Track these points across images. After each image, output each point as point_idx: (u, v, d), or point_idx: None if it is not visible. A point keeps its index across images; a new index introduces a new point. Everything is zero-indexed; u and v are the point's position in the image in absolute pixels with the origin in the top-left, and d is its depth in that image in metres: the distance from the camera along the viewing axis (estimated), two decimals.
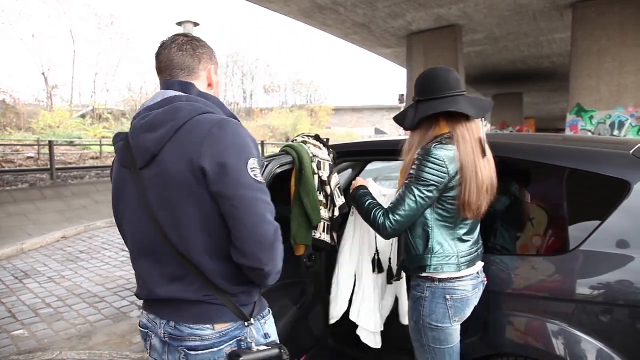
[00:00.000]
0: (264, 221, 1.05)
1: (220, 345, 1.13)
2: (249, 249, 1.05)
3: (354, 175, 3.72)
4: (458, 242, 1.55)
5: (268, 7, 11.37)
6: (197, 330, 1.12)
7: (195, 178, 1.05)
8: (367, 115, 44.84)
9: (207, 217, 1.07)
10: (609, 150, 1.77)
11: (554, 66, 17.01)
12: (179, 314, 1.14)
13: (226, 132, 1.07)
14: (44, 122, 16.91)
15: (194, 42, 1.26)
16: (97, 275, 4.85)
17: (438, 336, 1.56)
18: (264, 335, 1.21)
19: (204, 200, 1.06)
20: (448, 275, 1.54)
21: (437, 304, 1.55)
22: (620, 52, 9.81)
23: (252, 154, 1.09)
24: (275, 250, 1.07)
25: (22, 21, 29.83)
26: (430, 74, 1.59)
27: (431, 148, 1.48)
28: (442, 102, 1.52)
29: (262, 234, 1.05)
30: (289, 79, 46.62)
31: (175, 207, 1.08)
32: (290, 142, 2.18)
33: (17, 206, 7.60)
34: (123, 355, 2.98)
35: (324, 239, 2.10)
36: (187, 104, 1.12)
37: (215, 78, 1.29)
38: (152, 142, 1.09)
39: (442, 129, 1.54)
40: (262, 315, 1.23)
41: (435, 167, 1.45)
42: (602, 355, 1.47)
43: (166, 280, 1.13)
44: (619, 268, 1.50)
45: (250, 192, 1.05)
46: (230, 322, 1.14)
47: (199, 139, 1.05)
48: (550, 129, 35.96)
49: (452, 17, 11.89)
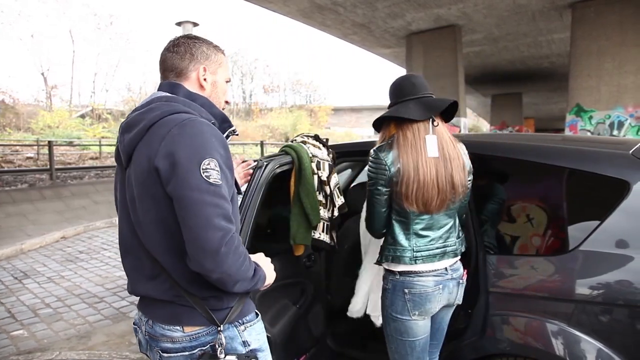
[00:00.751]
0: (209, 226, 0.99)
1: (191, 350, 1.12)
2: (191, 253, 1.01)
3: (354, 175, 3.73)
4: (414, 236, 1.59)
5: (267, 7, 11.37)
6: (167, 331, 1.12)
7: (153, 177, 1.05)
8: (367, 115, 44.83)
9: (166, 217, 1.06)
10: (608, 150, 1.77)
11: (553, 66, 17.03)
12: (154, 313, 1.16)
13: (184, 132, 1.04)
14: (43, 122, 16.88)
15: (188, 43, 1.24)
16: (97, 276, 4.85)
17: (398, 327, 1.63)
18: (241, 342, 1.16)
19: (161, 200, 1.05)
20: (404, 269, 1.60)
21: (397, 297, 1.62)
22: (620, 51, 9.83)
23: (210, 154, 1.03)
24: (222, 256, 1.00)
25: (21, 21, 29.67)
26: (393, 82, 1.72)
27: (373, 150, 1.64)
28: (396, 108, 1.64)
29: (205, 239, 0.99)
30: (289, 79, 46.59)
31: (139, 206, 1.09)
32: (290, 142, 2.18)
33: (16, 206, 7.59)
34: (122, 355, 2.97)
35: (323, 239, 2.10)
36: (164, 104, 1.12)
37: (211, 78, 1.26)
38: (128, 141, 1.12)
39: (391, 131, 1.67)
40: (242, 321, 1.18)
41: (375, 165, 1.60)
42: (601, 355, 1.47)
43: (144, 278, 1.15)
44: (618, 268, 1.50)
45: (197, 194, 1.00)
46: (201, 326, 1.12)
47: (159, 138, 1.05)
48: (549, 129, 35.98)
49: (451, 17, 11.91)
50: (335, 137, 25.33)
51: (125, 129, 1.15)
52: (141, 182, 1.07)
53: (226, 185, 1.07)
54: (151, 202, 1.07)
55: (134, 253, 1.16)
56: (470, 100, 25.88)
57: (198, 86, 1.25)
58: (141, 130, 1.09)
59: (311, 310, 2.28)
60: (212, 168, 1.03)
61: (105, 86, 29.60)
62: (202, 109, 1.18)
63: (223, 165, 1.06)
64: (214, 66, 1.28)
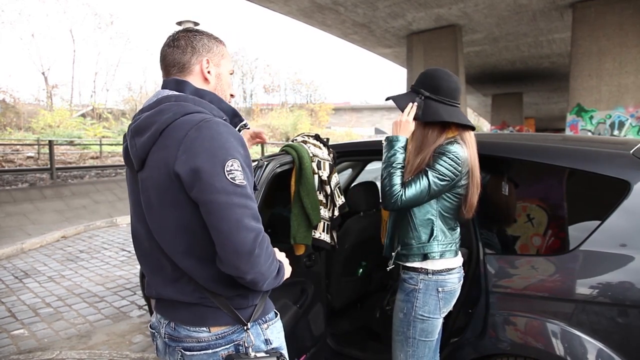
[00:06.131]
0: (241, 228, 0.98)
1: (215, 347, 1.11)
2: (225, 257, 0.99)
3: (354, 175, 3.73)
4: (452, 231, 1.67)
5: (268, 6, 11.36)
6: (193, 332, 1.11)
7: (174, 183, 1.02)
8: (367, 115, 44.87)
9: (189, 222, 1.04)
10: (608, 150, 1.77)
11: (553, 66, 17.01)
12: (178, 316, 1.13)
13: (202, 135, 1.01)
14: (43, 122, 16.90)
15: (188, 35, 1.20)
16: (97, 275, 4.85)
17: (426, 328, 1.62)
18: (264, 341, 1.16)
19: (184, 205, 1.03)
20: (442, 266, 1.62)
21: (430, 296, 1.61)
22: (620, 52, 9.82)
23: (232, 155, 1.01)
24: (256, 257, 0.99)
25: (21, 20, 29.78)
26: (444, 76, 1.63)
27: (451, 146, 1.56)
28: (456, 110, 1.62)
29: (239, 242, 0.97)
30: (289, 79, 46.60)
31: (158, 210, 1.07)
32: (290, 141, 2.18)
33: (16, 206, 7.59)
34: (123, 354, 2.97)
35: (324, 239, 2.10)
36: (174, 105, 1.08)
37: (215, 70, 1.22)
38: (140, 145, 1.08)
39: (452, 133, 1.63)
40: (265, 319, 1.18)
41: (453, 164, 1.54)
42: (601, 355, 1.47)
43: (166, 281, 1.13)
44: (619, 268, 1.50)
45: (225, 196, 0.98)
46: (227, 325, 1.11)
47: (176, 143, 1.01)
48: (549, 128, 35.98)
49: (452, 17, 11.90)
50: (335, 136, 25.33)
51: (135, 132, 1.10)
52: (160, 188, 1.04)
53: (250, 184, 1.05)
54: (172, 207, 1.04)
55: (154, 256, 1.14)
56: (471, 100, 25.87)
57: (202, 79, 1.21)
58: (154, 134, 1.05)
59: (311, 309, 2.28)
60: (236, 169, 1.00)
61: (105, 85, 29.65)
62: (212, 106, 1.14)
63: (244, 165, 1.04)
64: (217, 58, 1.23)
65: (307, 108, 34.16)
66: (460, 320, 1.81)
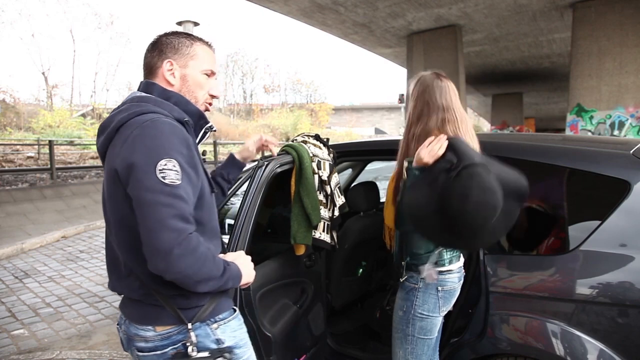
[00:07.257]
0: (163, 227, 0.98)
1: (163, 349, 1.12)
2: (146, 254, 1.01)
3: (354, 175, 3.73)
4: None
5: (268, 6, 11.37)
6: (140, 331, 1.13)
7: (114, 178, 1.06)
8: (367, 115, 44.85)
9: (128, 218, 1.06)
10: (608, 150, 1.77)
11: (553, 66, 17.01)
12: (128, 312, 1.17)
13: (144, 133, 1.03)
14: (43, 122, 16.89)
15: (162, 39, 1.22)
16: (97, 275, 4.85)
17: (425, 325, 1.63)
18: (214, 340, 1.15)
19: (122, 201, 1.06)
20: (443, 267, 1.62)
21: (429, 295, 1.62)
22: (620, 52, 9.82)
23: (169, 154, 1.02)
24: (175, 257, 0.98)
25: (21, 20, 29.77)
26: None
27: None
28: None
29: (158, 240, 0.98)
30: (289, 79, 46.61)
31: (108, 205, 1.12)
32: (290, 141, 2.18)
33: (16, 206, 7.59)
34: (123, 354, 2.98)
35: (324, 239, 2.09)
36: (133, 105, 1.12)
37: (180, 72, 1.21)
38: (101, 143, 1.13)
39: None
40: (215, 319, 1.17)
41: None
42: (602, 355, 1.47)
43: (120, 277, 1.17)
44: (619, 268, 1.50)
45: (151, 194, 0.99)
46: (172, 325, 1.12)
47: (122, 141, 1.05)
48: (549, 128, 35.97)
49: (452, 17, 11.90)
50: (335, 136, 25.31)
51: (99, 130, 1.15)
52: (108, 183, 1.09)
53: (189, 184, 1.05)
54: (115, 202, 1.08)
55: (111, 251, 1.18)
56: (471, 100, 25.87)
57: (165, 81, 1.21)
58: (111, 132, 1.10)
59: (311, 309, 2.28)
60: (170, 168, 1.01)
61: (105, 85, 29.59)
62: (176, 107, 1.16)
63: (185, 165, 1.05)
64: (184, 59, 1.22)
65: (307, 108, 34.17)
66: (460, 321, 1.81)
